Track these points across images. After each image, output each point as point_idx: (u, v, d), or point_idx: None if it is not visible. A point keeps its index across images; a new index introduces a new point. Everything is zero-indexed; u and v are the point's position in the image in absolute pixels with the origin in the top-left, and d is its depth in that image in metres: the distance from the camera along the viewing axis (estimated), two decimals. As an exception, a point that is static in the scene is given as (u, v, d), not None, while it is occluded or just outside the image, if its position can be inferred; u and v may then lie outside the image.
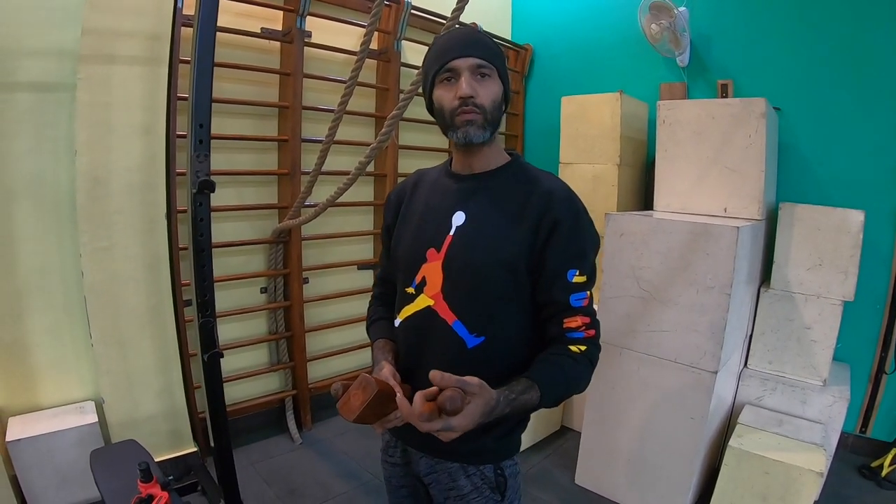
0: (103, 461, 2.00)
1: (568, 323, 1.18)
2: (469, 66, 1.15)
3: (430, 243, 1.25)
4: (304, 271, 3.43)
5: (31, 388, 2.59)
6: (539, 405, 1.11)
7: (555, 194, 1.19)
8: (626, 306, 2.68)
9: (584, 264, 1.18)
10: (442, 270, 1.21)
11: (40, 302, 2.57)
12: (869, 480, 3.01)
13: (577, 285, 1.17)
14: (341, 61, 3.45)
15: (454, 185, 1.29)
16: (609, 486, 2.89)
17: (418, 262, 1.26)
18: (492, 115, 1.18)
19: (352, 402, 1.07)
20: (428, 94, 1.25)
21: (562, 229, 1.15)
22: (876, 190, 3.04)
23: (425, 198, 1.34)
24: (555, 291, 1.17)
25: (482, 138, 1.19)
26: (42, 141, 2.49)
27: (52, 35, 2.45)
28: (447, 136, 1.22)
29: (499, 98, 1.20)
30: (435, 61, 1.19)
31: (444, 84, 1.18)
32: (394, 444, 1.41)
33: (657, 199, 3.05)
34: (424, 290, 1.24)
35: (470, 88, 1.14)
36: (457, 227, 1.23)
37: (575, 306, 1.18)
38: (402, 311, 1.30)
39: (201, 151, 2.03)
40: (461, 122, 1.17)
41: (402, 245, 1.33)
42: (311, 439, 3.41)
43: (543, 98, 4.45)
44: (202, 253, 2.13)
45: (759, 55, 3.41)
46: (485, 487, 1.28)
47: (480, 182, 1.26)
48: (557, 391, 1.14)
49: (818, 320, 2.85)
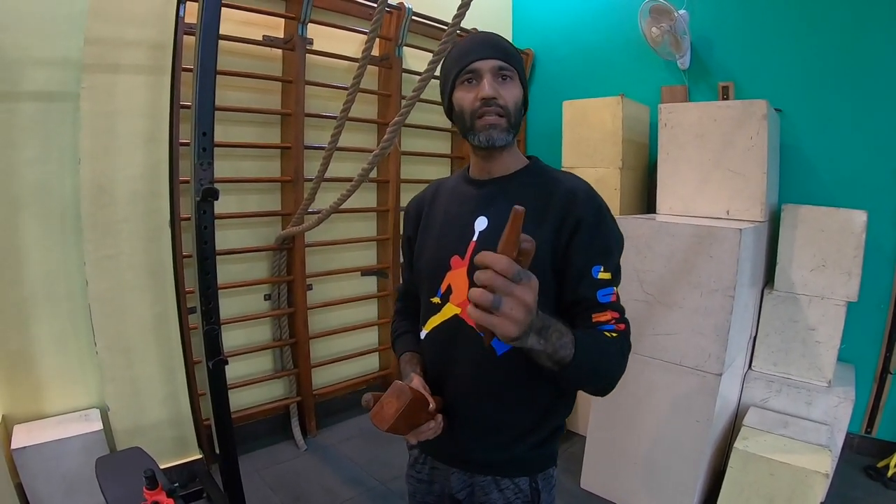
0: (109, 469, 2.00)
1: (597, 318, 1.12)
2: (491, 68, 1.15)
3: (454, 250, 1.23)
4: (307, 278, 3.44)
5: (36, 395, 2.60)
6: (571, 361, 0.97)
7: (577, 193, 1.17)
8: (630, 310, 2.61)
9: (609, 261, 1.15)
10: (468, 277, 1.18)
11: (45, 310, 2.58)
12: (875, 481, 2.99)
13: (602, 282, 1.13)
14: (343, 68, 3.47)
15: (474, 190, 1.27)
16: (615, 490, 2.88)
17: (442, 271, 1.24)
18: (514, 117, 1.18)
19: (385, 411, 1.05)
20: (447, 97, 1.23)
21: (585, 227, 1.13)
22: (878, 190, 3.04)
23: (445, 206, 1.32)
24: (581, 289, 1.13)
25: (504, 141, 1.17)
26: (47, 150, 2.51)
27: (56, 45, 2.47)
28: (467, 138, 1.21)
29: (520, 100, 1.20)
30: (455, 63, 1.19)
31: (465, 86, 1.18)
32: (422, 461, 1.38)
33: (660, 203, 3.05)
34: (451, 298, 1.22)
35: (492, 90, 1.14)
36: (480, 232, 1.21)
37: (603, 302, 1.13)
38: (427, 322, 1.28)
39: (204, 159, 2.04)
40: (482, 126, 1.16)
41: (424, 255, 1.31)
42: (316, 445, 3.41)
43: (545, 102, 4.45)
44: (206, 261, 2.14)
45: (759, 57, 3.41)
46: (518, 501, 1.25)
47: (501, 186, 1.24)
48: (589, 354, 1.01)
49: (822, 321, 2.85)
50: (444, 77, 1.24)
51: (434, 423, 1.13)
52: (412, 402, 1.03)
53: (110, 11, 2.44)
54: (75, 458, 2.46)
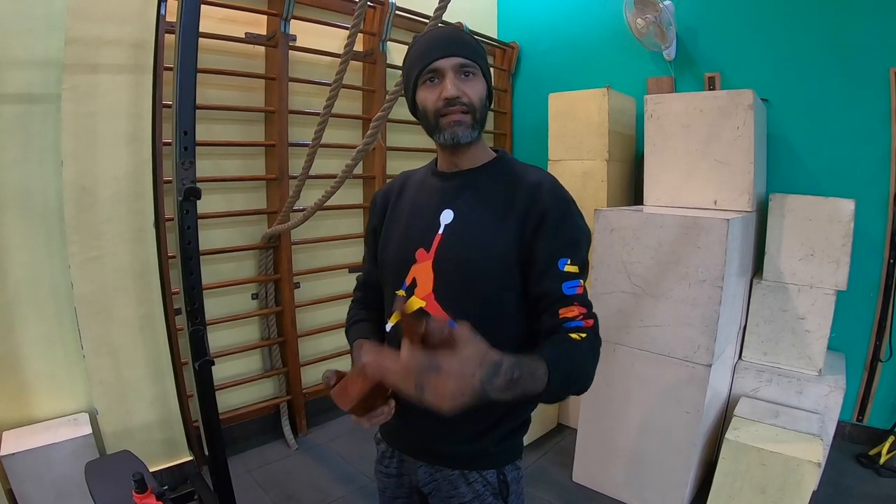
0: (98, 473, 1.99)
1: (564, 313, 1.10)
2: (453, 66, 1.13)
3: (419, 243, 1.22)
4: (294, 276, 3.42)
5: (24, 401, 2.57)
6: (545, 389, 0.96)
7: (542, 186, 1.17)
8: (618, 302, 2.68)
9: (576, 254, 1.13)
10: (433, 270, 1.19)
11: (31, 314, 2.55)
12: (867, 469, 3.01)
13: (569, 274, 1.12)
14: (327, 64, 3.44)
15: (440, 183, 1.27)
16: (607, 483, 2.88)
17: (408, 264, 1.23)
18: (480, 112, 1.17)
19: (349, 391, 1.02)
20: (411, 96, 1.22)
21: (550, 220, 1.13)
22: (866, 179, 3.05)
23: (412, 198, 1.32)
24: (547, 281, 1.12)
25: (470, 138, 1.17)
26: (29, 152, 2.48)
27: (35, 45, 2.43)
28: (432, 137, 1.21)
29: (484, 95, 1.19)
30: (417, 62, 1.17)
31: (428, 85, 1.16)
32: (390, 455, 1.37)
33: (647, 194, 3.05)
34: (415, 291, 1.21)
35: (456, 89, 1.13)
36: (445, 225, 1.21)
37: (568, 294, 1.11)
38: (393, 315, 1.27)
39: (186, 158, 2.02)
40: (447, 124, 1.15)
41: (390, 247, 1.30)
42: (307, 444, 3.40)
43: (531, 95, 4.45)
44: (190, 260, 2.12)
45: (745, 47, 3.41)
46: (487, 494, 1.25)
47: (467, 179, 1.24)
48: (563, 374, 1.00)
49: (811, 310, 2.85)
50: (406, 76, 1.23)
51: (387, 408, 1.11)
52: (377, 385, 1.00)
53: (90, 10, 2.40)
54: (65, 463, 2.44)
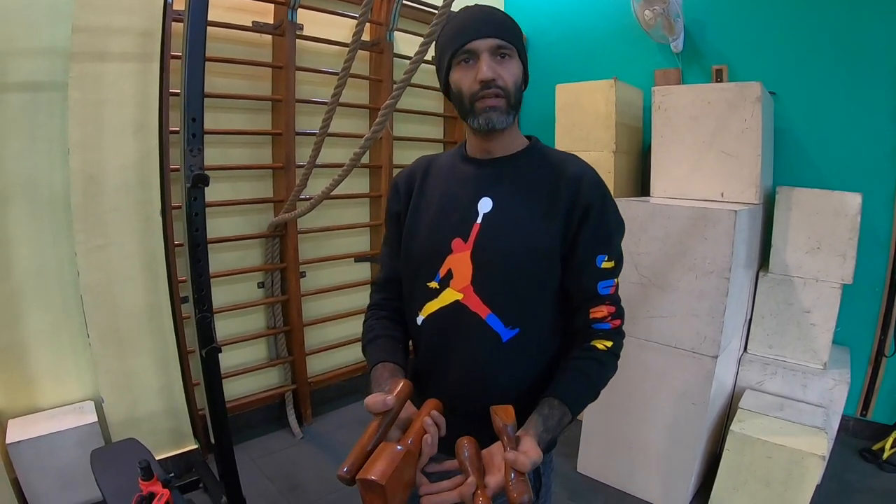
0: (104, 461, 2.00)
1: (594, 313, 1.15)
2: (489, 48, 1.09)
3: (455, 233, 1.17)
4: (300, 265, 3.42)
5: (30, 389, 2.58)
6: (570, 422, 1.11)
7: (584, 179, 1.14)
8: (625, 293, 2.60)
9: (613, 249, 1.16)
10: (471, 261, 1.14)
11: (37, 303, 2.56)
12: (870, 463, 3.01)
13: (605, 271, 1.14)
14: (334, 53, 3.43)
15: (474, 170, 1.22)
16: (611, 474, 2.89)
17: (442, 254, 1.17)
18: (515, 97, 1.13)
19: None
20: (444, 77, 1.18)
21: (593, 214, 1.12)
22: (873, 173, 3.03)
23: (442, 185, 1.25)
24: (584, 278, 1.14)
25: (505, 123, 1.13)
26: (35, 141, 2.48)
27: (42, 34, 2.42)
28: (466, 121, 1.16)
29: (520, 78, 1.15)
30: (451, 42, 1.12)
31: (462, 66, 1.12)
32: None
33: (654, 185, 3.04)
34: (451, 283, 1.16)
35: (491, 71, 1.08)
36: (484, 214, 1.16)
37: (602, 294, 1.15)
38: (423, 307, 1.21)
39: (194, 145, 2.02)
40: (482, 108, 1.10)
41: (419, 237, 1.23)
42: (312, 433, 3.41)
43: (537, 87, 4.36)
44: (198, 248, 2.12)
45: (753, 40, 3.38)
46: None
47: (503, 167, 1.20)
48: (585, 403, 1.15)
49: (817, 304, 2.85)
50: (440, 56, 1.18)
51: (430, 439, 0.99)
52: (392, 479, 0.88)
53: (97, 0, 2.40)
54: (71, 452, 2.44)
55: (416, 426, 1.00)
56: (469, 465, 0.95)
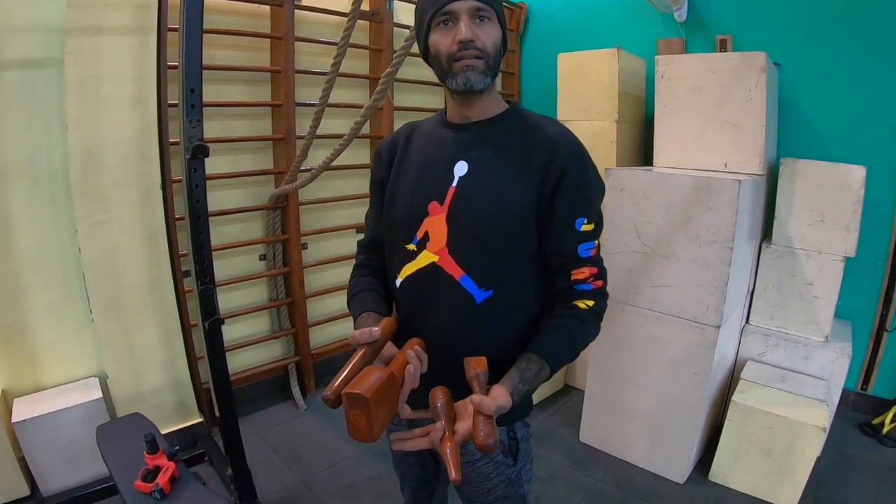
0: (110, 436, 2.01)
1: (576, 275, 1.16)
2: (468, 9, 1.09)
3: (432, 196, 1.19)
4: (302, 237, 3.42)
5: (34, 367, 2.59)
6: (547, 377, 1.13)
7: (560, 142, 1.15)
8: (628, 262, 2.67)
9: (592, 212, 1.16)
10: (446, 223, 1.17)
11: (39, 280, 2.55)
12: (870, 437, 3.04)
13: (584, 234, 1.15)
14: (333, 23, 3.37)
15: (452, 134, 1.23)
16: (613, 444, 2.92)
17: (419, 217, 1.20)
18: (493, 59, 1.13)
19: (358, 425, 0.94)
20: (423, 40, 1.18)
21: (569, 177, 1.12)
22: (878, 146, 3.01)
23: (422, 149, 1.28)
24: (564, 241, 1.15)
25: (483, 84, 1.13)
26: (33, 118, 2.45)
27: (37, 10, 2.38)
28: (444, 83, 1.17)
29: (499, 42, 1.15)
30: (431, 4, 1.12)
31: (441, 28, 1.12)
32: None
33: (657, 155, 3.02)
34: (427, 245, 1.19)
35: (470, 32, 1.08)
36: (459, 177, 1.18)
37: (583, 256, 1.15)
38: (402, 269, 1.25)
39: (193, 116, 1.99)
40: (460, 68, 1.11)
41: (398, 200, 1.27)
42: (316, 405, 3.43)
43: (539, 56, 4.38)
44: (199, 220, 2.11)
45: (758, 10, 3.33)
46: (496, 452, 1.25)
47: (480, 130, 1.21)
48: (565, 360, 1.16)
49: (820, 276, 2.84)
50: (419, 19, 1.18)
51: (413, 369, 1.05)
52: (376, 395, 0.92)
53: (92, -27, 2.36)
54: (76, 428, 2.45)
55: (400, 358, 1.06)
56: (441, 413, 0.99)
